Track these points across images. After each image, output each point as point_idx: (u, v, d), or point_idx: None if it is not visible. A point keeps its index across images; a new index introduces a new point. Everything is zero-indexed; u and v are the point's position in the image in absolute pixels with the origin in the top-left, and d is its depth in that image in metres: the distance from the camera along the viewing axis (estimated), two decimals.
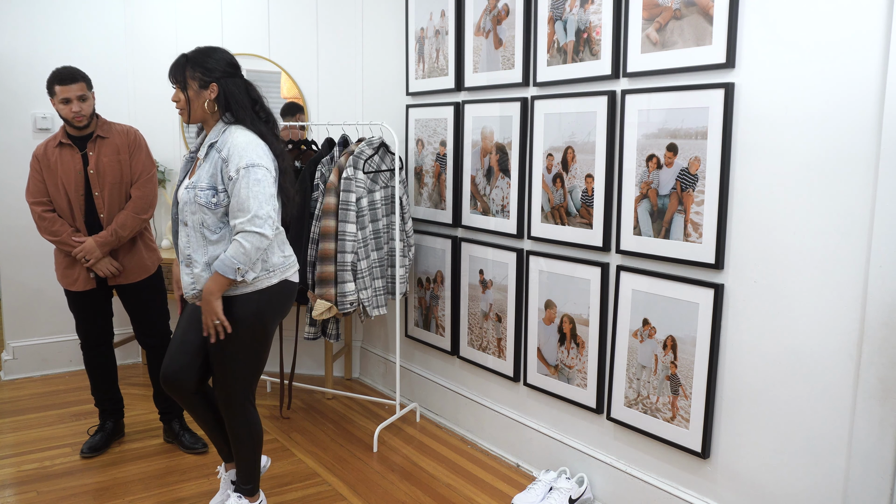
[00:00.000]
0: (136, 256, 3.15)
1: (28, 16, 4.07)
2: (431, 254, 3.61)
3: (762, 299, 2.23)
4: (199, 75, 2.36)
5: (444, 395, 3.61)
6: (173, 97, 2.41)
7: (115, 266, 3.08)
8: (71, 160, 3.05)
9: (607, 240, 2.69)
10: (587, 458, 2.85)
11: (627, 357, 2.65)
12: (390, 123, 3.78)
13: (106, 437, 3.25)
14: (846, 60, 1.98)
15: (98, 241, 3.02)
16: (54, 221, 3.05)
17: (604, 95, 2.63)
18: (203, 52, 2.41)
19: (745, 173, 2.24)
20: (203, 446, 3.25)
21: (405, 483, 3.00)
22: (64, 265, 3.11)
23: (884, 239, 1.92)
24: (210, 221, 2.35)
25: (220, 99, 2.38)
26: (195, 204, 2.34)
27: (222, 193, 2.32)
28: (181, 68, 2.38)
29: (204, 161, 2.37)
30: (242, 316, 2.37)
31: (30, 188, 3.10)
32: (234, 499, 2.58)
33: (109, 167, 3.07)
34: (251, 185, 2.26)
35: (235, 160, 2.28)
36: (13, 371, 4.22)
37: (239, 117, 2.38)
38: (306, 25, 4.12)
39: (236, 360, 2.43)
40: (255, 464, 2.59)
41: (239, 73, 2.45)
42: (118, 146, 3.10)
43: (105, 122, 3.14)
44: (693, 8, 2.32)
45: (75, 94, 2.98)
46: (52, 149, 3.07)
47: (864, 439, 1.99)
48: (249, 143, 2.32)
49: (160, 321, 3.25)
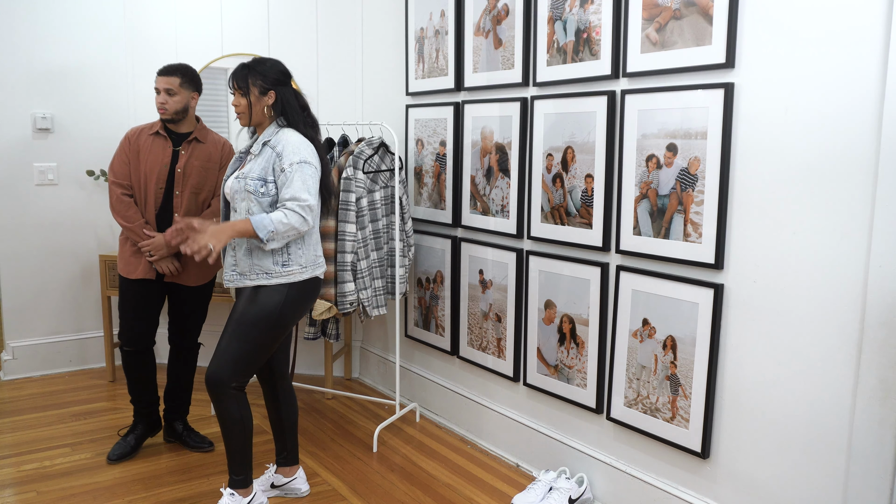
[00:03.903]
0: (198, 263, 3.09)
1: (28, 16, 4.07)
2: (431, 254, 3.61)
3: (762, 299, 2.23)
4: (259, 82, 2.57)
5: (443, 395, 3.61)
6: (234, 102, 2.60)
7: (176, 266, 3.07)
8: (161, 152, 3.06)
9: (607, 240, 2.69)
10: (587, 458, 2.85)
11: (627, 357, 2.65)
12: (390, 123, 3.78)
13: (138, 438, 3.21)
14: (846, 60, 1.98)
15: (168, 239, 2.98)
16: (130, 207, 3.04)
17: (603, 95, 2.63)
18: (261, 61, 2.62)
19: (744, 173, 2.24)
20: (209, 445, 3.25)
21: (405, 483, 3.00)
22: (128, 254, 3.09)
23: (884, 239, 1.92)
24: (255, 210, 2.51)
25: (277, 104, 2.59)
26: (244, 191, 2.53)
27: (271, 184, 2.51)
28: (244, 76, 2.58)
29: (258, 156, 2.56)
30: (267, 303, 2.52)
31: (114, 167, 3.08)
32: (227, 496, 2.62)
33: (196, 171, 3.08)
34: (305, 178, 2.49)
35: (289, 156, 2.49)
36: (13, 371, 4.22)
37: (292, 121, 2.60)
38: (306, 25, 4.12)
39: (245, 341, 2.52)
40: (245, 454, 2.63)
41: (290, 82, 2.65)
42: (211, 154, 3.13)
43: (204, 127, 3.17)
44: (693, 8, 2.32)
45: (164, 86, 3.01)
46: (147, 135, 3.08)
47: (864, 439, 1.99)
48: (302, 142, 2.54)
49: (197, 328, 3.27)
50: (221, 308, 4.36)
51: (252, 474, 2.69)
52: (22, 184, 4.17)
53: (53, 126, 4.18)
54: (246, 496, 2.65)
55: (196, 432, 3.31)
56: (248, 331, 2.52)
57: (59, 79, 4.17)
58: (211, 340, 4.26)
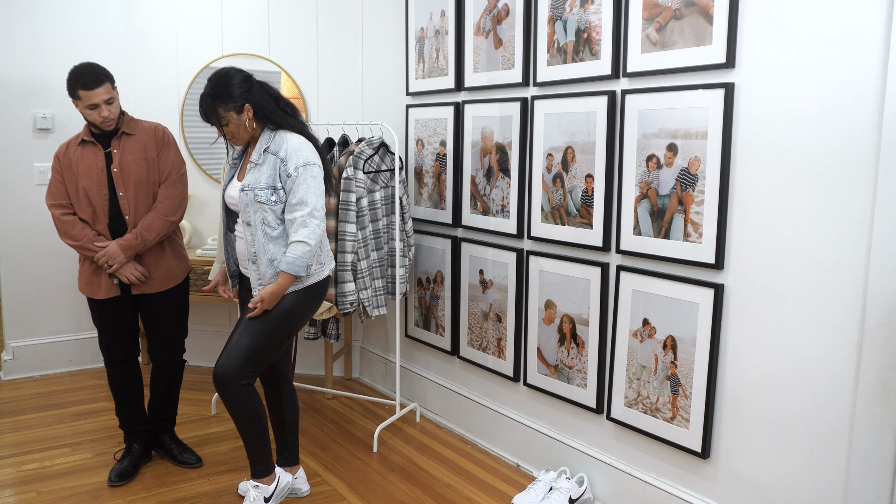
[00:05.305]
0: (162, 263, 2.96)
1: (28, 16, 4.07)
2: (431, 254, 3.61)
3: (762, 299, 2.23)
4: (231, 104, 2.51)
5: (444, 395, 3.61)
6: (219, 133, 2.58)
7: (141, 272, 2.89)
8: (93, 158, 2.87)
9: (607, 240, 2.69)
10: (587, 458, 2.85)
11: (627, 357, 2.65)
12: (390, 123, 3.78)
13: (134, 461, 3.02)
14: (846, 60, 1.98)
15: (122, 244, 2.83)
16: (74, 224, 2.86)
17: (604, 95, 2.63)
18: (220, 83, 2.51)
19: (745, 173, 2.24)
20: (196, 461, 3.10)
21: (405, 483, 3.00)
22: (88, 273, 2.91)
23: (884, 239, 1.92)
24: (270, 218, 2.52)
25: (258, 113, 2.55)
26: (256, 203, 2.51)
27: (281, 191, 2.51)
28: (213, 108, 2.52)
29: (262, 165, 2.54)
30: (284, 303, 2.55)
31: (49, 190, 2.91)
32: (252, 489, 2.66)
33: (135, 165, 2.88)
34: (309, 182, 2.48)
35: (294, 159, 2.49)
36: (13, 371, 4.22)
37: (278, 122, 2.56)
38: (306, 25, 4.12)
39: (258, 338, 2.53)
40: (263, 444, 2.65)
41: (254, 83, 2.58)
42: (145, 144, 2.92)
43: (131, 118, 2.96)
44: (693, 8, 2.32)
45: (102, 98, 2.79)
46: (75, 147, 2.90)
47: (864, 439, 1.99)
48: (302, 143, 2.54)
49: (176, 342, 3.09)
50: (217, 307, 4.36)
51: (272, 459, 2.72)
52: (22, 184, 4.17)
53: (53, 126, 4.18)
54: (270, 483, 2.69)
55: (184, 446, 3.16)
56: (262, 329, 2.53)
57: (59, 79, 4.14)
58: (212, 340, 4.27)
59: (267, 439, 2.66)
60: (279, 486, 2.71)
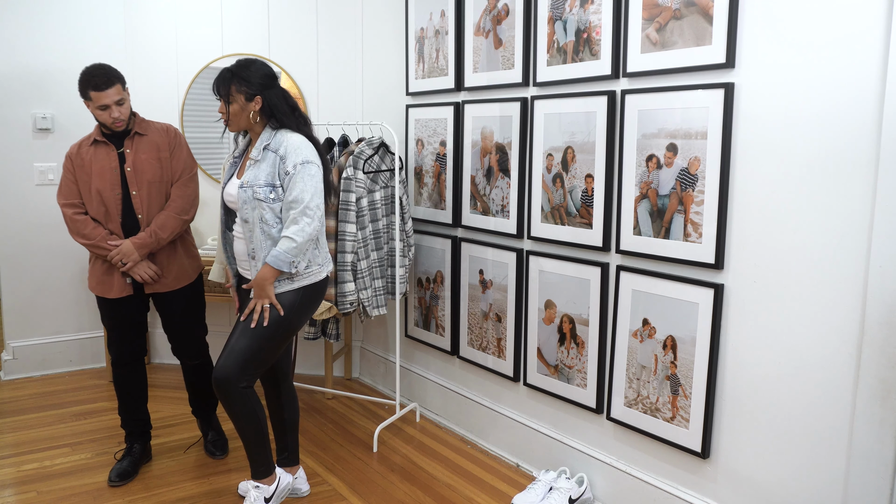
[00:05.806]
0: (175, 262, 2.99)
1: (28, 15, 4.07)
2: (431, 254, 3.61)
3: (762, 299, 2.23)
4: (245, 88, 2.52)
5: (444, 395, 3.61)
6: (220, 109, 2.57)
7: (154, 270, 2.92)
8: (106, 158, 2.89)
9: (607, 240, 2.69)
10: (587, 458, 2.85)
11: (627, 357, 2.65)
12: (390, 123, 3.78)
13: (134, 461, 3.04)
14: (846, 60, 1.98)
15: (136, 242, 2.85)
16: (86, 223, 2.88)
17: (604, 95, 2.63)
18: (245, 65, 2.56)
19: (745, 173, 2.24)
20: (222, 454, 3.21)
21: (405, 483, 3.00)
22: (100, 272, 2.93)
23: (884, 239, 1.92)
24: (269, 216, 2.51)
25: (265, 109, 2.55)
26: (254, 200, 2.51)
27: (279, 189, 2.51)
28: (226, 83, 2.53)
29: (261, 162, 2.54)
30: (282, 304, 2.55)
31: (61, 189, 2.93)
32: (252, 489, 2.66)
33: (148, 165, 2.91)
34: (306, 179, 2.48)
35: (293, 157, 2.49)
36: (13, 371, 4.23)
37: (284, 123, 2.57)
38: (306, 25, 4.12)
39: (256, 340, 2.52)
40: (263, 445, 2.65)
41: (277, 83, 2.60)
42: (157, 144, 2.96)
43: (143, 119, 3.00)
44: (693, 8, 2.32)
45: (113, 99, 2.81)
46: (87, 147, 2.92)
47: (864, 439, 1.99)
48: (303, 142, 2.54)
49: (198, 335, 3.12)
50: (223, 308, 4.36)
51: (273, 460, 2.72)
52: (22, 184, 4.17)
53: (53, 126, 4.18)
54: (271, 483, 2.69)
55: (218, 437, 3.25)
56: (261, 330, 2.52)
57: (59, 79, 4.16)
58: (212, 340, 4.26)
59: (267, 440, 2.66)
60: (279, 487, 2.71)
